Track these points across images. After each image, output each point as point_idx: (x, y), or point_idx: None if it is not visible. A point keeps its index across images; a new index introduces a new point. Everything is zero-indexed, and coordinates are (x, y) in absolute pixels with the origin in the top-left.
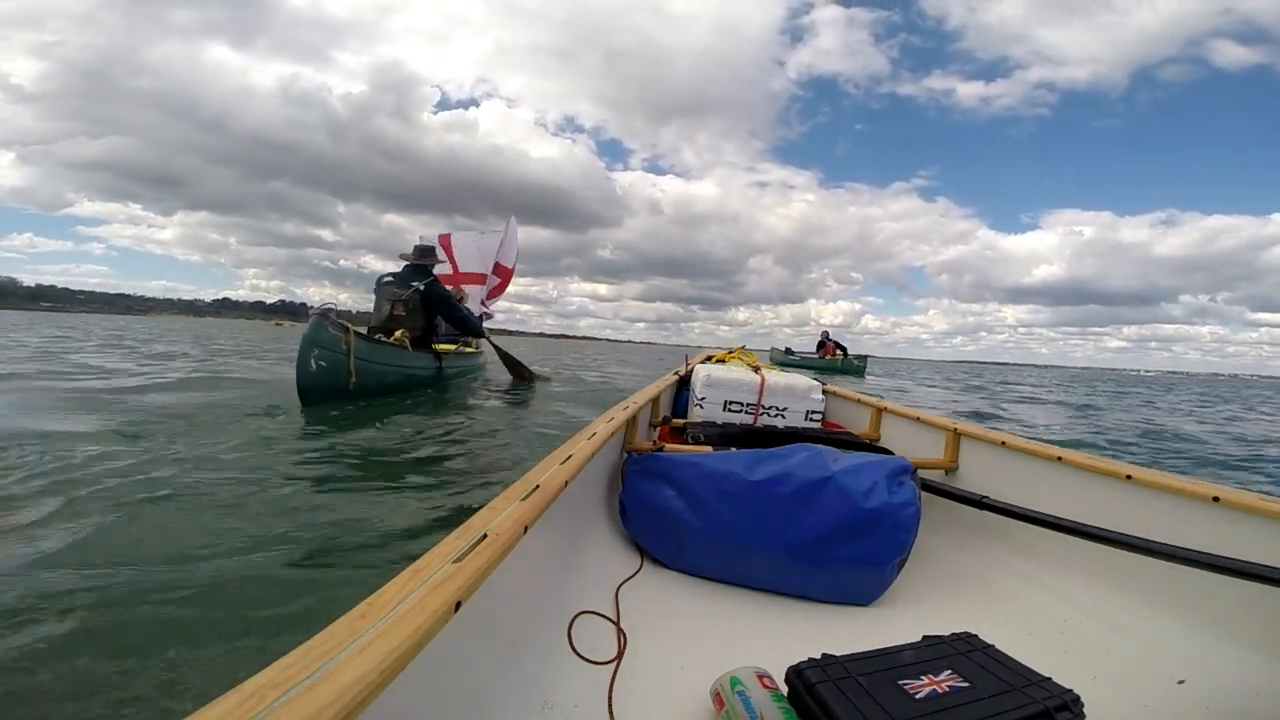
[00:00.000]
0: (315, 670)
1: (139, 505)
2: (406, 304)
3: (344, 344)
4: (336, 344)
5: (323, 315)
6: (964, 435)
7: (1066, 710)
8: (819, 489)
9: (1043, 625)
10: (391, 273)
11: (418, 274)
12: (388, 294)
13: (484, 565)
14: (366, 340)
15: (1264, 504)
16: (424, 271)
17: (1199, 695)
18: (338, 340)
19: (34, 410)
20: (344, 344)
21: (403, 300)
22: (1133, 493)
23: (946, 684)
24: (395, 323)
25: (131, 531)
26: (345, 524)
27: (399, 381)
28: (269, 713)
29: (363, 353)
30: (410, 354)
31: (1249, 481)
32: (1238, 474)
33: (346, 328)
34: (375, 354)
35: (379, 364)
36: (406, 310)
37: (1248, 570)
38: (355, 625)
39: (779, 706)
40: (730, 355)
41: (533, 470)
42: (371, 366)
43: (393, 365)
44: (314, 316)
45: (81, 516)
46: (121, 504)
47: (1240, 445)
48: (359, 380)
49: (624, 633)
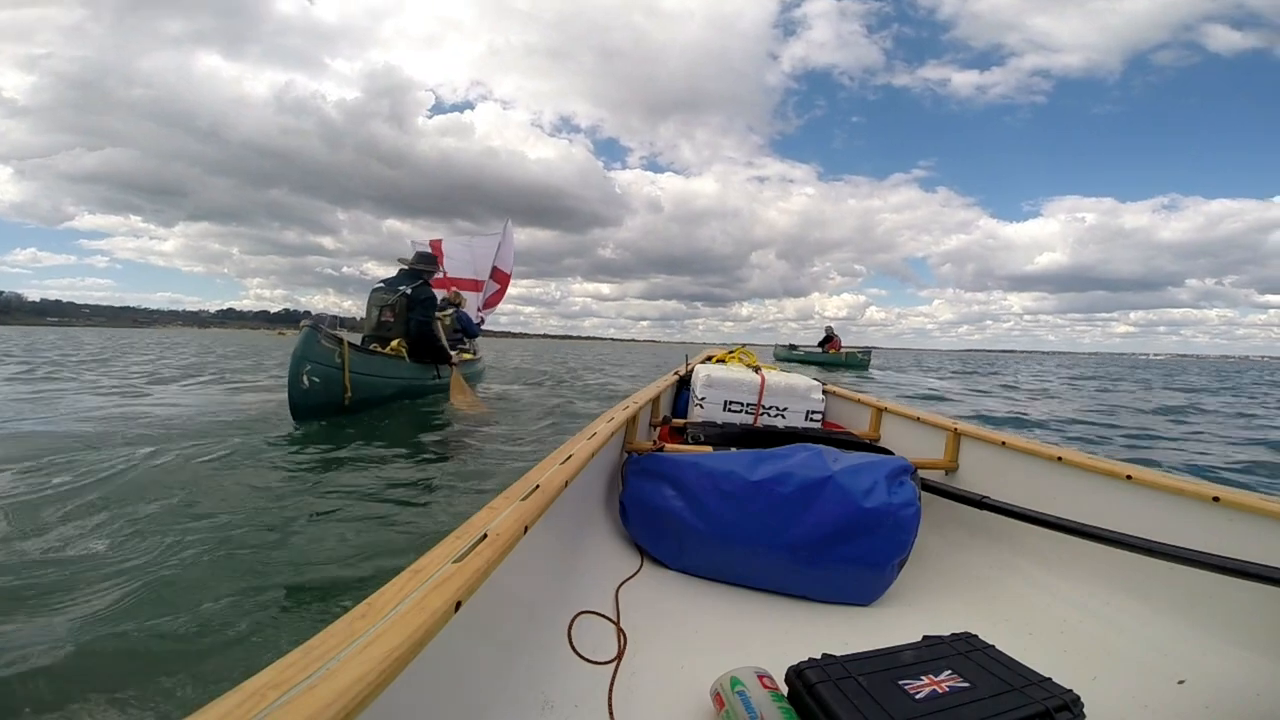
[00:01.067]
0: (315, 670)
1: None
2: (394, 309)
3: (338, 357)
4: (330, 358)
5: (314, 327)
6: (964, 435)
7: (1066, 710)
8: (819, 489)
9: (1043, 625)
10: (384, 279)
11: (409, 279)
12: (377, 299)
13: (484, 565)
14: (362, 352)
15: (1264, 504)
16: (416, 276)
17: (1199, 695)
18: (331, 354)
19: None
20: (338, 357)
21: (390, 305)
22: (1133, 493)
23: (946, 684)
24: (385, 329)
25: None
26: (294, 564)
27: (396, 393)
28: (269, 713)
29: (358, 365)
30: (407, 364)
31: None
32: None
33: (340, 340)
34: (371, 366)
35: (375, 376)
36: (394, 315)
37: (1248, 570)
38: (355, 625)
39: (779, 706)
40: (730, 355)
41: (533, 470)
42: (367, 380)
43: (389, 377)
44: (305, 328)
45: None
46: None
47: None
48: (353, 395)
49: (624, 633)
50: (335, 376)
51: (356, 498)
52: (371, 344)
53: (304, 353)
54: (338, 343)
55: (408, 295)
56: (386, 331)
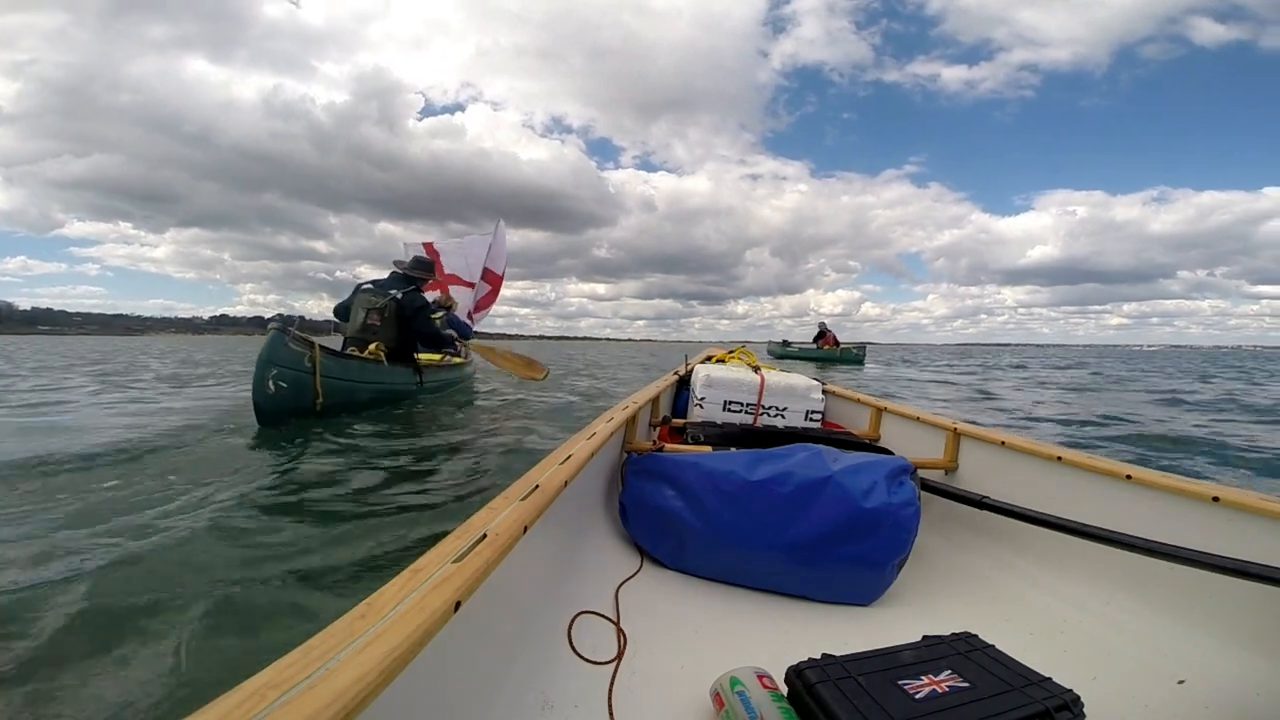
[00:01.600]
0: (315, 670)
1: None
2: (382, 313)
3: (308, 360)
4: (298, 361)
5: (281, 329)
6: (964, 435)
7: (1066, 710)
8: (819, 489)
9: (1043, 625)
10: (373, 280)
11: (401, 283)
12: (364, 301)
13: (484, 565)
14: (334, 355)
15: (1264, 504)
16: (409, 281)
17: (1199, 695)
18: (300, 357)
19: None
20: (308, 360)
21: (378, 309)
22: (1133, 493)
23: (946, 684)
24: (370, 333)
25: None
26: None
27: (373, 398)
28: (269, 713)
29: (331, 369)
30: (385, 368)
31: None
32: None
33: (310, 343)
34: (345, 370)
35: (349, 381)
36: (382, 320)
37: (1248, 570)
38: (355, 625)
39: (779, 706)
40: (730, 355)
41: (532, 470)
42: (340, 384)
43: (365, 382)
44: (272, 330)
45: None
46: None
47: None
48: (325, 400)
49: (624, 633)
50: (305, 380)
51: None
52: (351, 347)
53: (269, 356)
54: (309, 346)
55: (398, 301)
56: (372, 335)
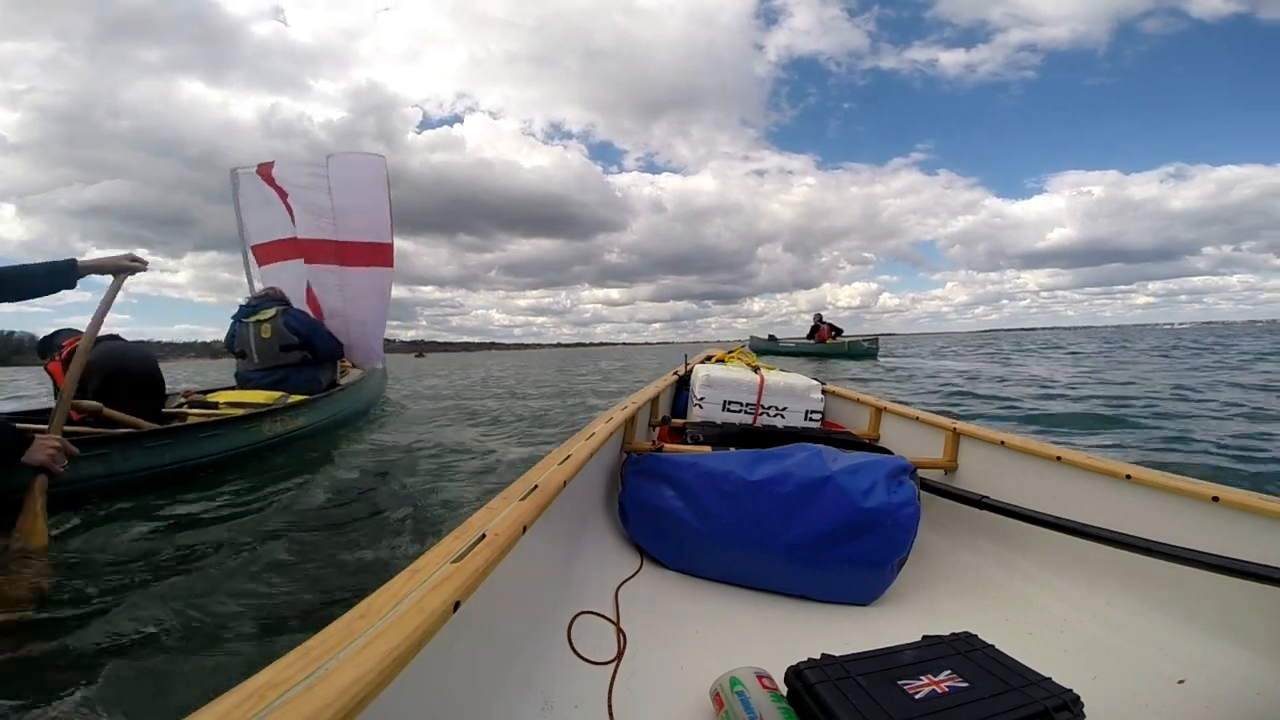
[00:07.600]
0: (314, 671)
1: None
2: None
3: None
4: None
5: None
6: (963, 435)
7: (1066, 710)
8: (818, 489)
9: (1043, 625)
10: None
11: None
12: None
13: (483, 565)
14: None
15: (1263, 504)
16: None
17: (1199, 695)
18: None
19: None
20: None
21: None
22: (1132, 492)
23: (946, 684)
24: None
25: None
26: None
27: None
28: (268, 713)
29: None
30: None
31: None
32: None
33: None
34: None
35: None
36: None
37: (1248, 570)
38: (354, 625)
39: (778, 707)
40: (730, 355)
41: (531, 470)
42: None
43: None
44: None
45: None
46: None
47: None
48: None
49: (624, 633)
50: None
51: None
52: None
53: None
54: None
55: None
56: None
